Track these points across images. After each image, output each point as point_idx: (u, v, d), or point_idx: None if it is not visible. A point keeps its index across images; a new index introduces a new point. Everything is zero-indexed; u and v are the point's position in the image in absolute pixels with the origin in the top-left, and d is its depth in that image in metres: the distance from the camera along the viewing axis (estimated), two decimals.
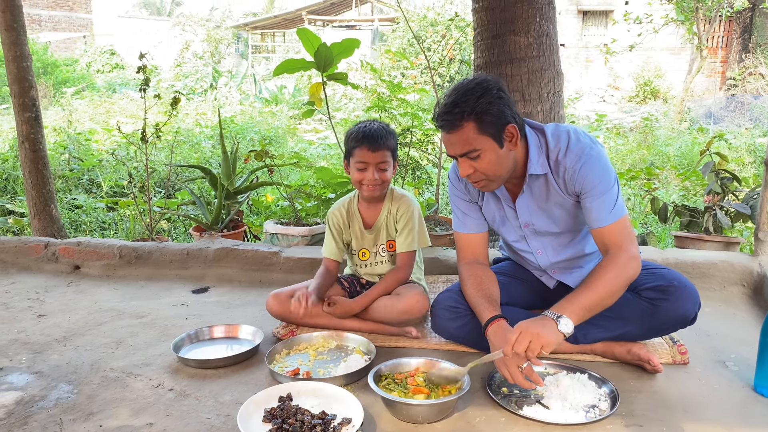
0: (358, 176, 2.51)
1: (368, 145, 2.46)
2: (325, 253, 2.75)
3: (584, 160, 2.03)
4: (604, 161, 2.05)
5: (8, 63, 4.28)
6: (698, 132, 9.45)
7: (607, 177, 2.03)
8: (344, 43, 3.73)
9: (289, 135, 10.92)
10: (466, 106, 1.94)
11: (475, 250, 2.35)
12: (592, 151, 2.04)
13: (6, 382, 2.21)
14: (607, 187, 2.02)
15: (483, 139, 1.97)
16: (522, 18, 3.57)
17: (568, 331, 1.86)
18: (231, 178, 4.43)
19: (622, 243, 2.00)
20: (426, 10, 16.51)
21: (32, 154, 4.39)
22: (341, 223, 2.72)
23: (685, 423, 1.82)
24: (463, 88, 1.98)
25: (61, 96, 13.37)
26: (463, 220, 2.36)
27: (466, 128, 1.96)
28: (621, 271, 1.96)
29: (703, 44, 11.77)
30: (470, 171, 2.04)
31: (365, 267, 2.75)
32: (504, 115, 1.98)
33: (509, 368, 1.89)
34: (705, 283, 2.99)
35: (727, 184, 3.80)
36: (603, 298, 1.94)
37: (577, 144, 2.06)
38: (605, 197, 2.02)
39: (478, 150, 1.98)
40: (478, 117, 1.94)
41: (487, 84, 1.98)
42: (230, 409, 1.96)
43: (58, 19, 24.58)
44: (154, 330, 2.73)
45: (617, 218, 2.02)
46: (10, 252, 3.81)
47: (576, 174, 2.04)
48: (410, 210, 2.61)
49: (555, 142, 2.09)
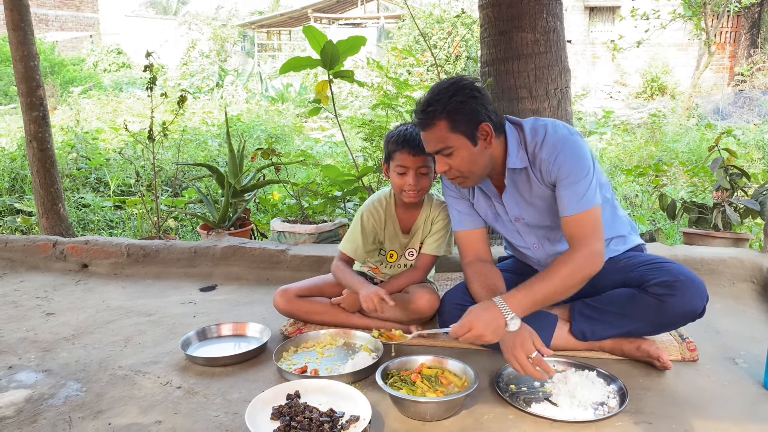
0: (399, 181, 2.43)
1: (409, 149, 2.36)
2: (347, 251, 2.61)
3: (559, 150, 2.03)
4: (580, 151, 2.04)
5: (16, 62, 4.30)
6: (706, 128, 9.40)
7: (580, 166, 2.02)
8: (350, 41, 3.72)
9: (296, 133, 10.93)
10: (438, 105, 1.99)
11: (476, 247, 2.34)
12: (567, 141, 2.04)
13: (15, 380, 2.22)
14: (580, 177, 2.01)
15: (455, 137, 2.01)
16: (529, 14, 3.56)
17: (515, 329, 1.92)
18: (238, 176, 4.44)
19: (586, 236, 2.00)
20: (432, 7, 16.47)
21: (40, 153, 4.41)
22: (377, 223, 2.62)
23: (695, 420, 1.81)
24: (437, 88, 2.04)
25: (69, 95, 13.42)
26: (460, 219, 2.37)
27: (438, 126, 2.01)
28: (579, 267, 1.98)
29: (711, 40, 11.69)
30: (445, 168, 2.09)
31: (389, 267, 2.72)
32: (477, 113, 2.01)
33: (519, 360, 1.90)
34: (714, 280, 2.98)
35: (736, 180, 3.78)
36: (556, 294, 1.99)
37: (553, 135, 2.07)
38: (576, 186, 2.01)
39: (450, 147, 2.03)
40: (449, 115, 1.99)
41: (461, 83, 2.03)
42: (238, 406, 1.97)
43: (65, 18, 24.68)
44: (162, 328, 2.74)
45: (585, 208, 2.01)
46: (19, 251, 3.83)
47: (551, 165, 2.05)
48: (447, 217, 2.54)
49: (532, 136, 2.10)
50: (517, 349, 1.91)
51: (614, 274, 2.22)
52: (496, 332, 1.92)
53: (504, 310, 1.93)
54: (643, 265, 2.15)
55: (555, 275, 1.97)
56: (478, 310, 1.96)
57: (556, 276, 1.97)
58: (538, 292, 1.97)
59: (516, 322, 1.92)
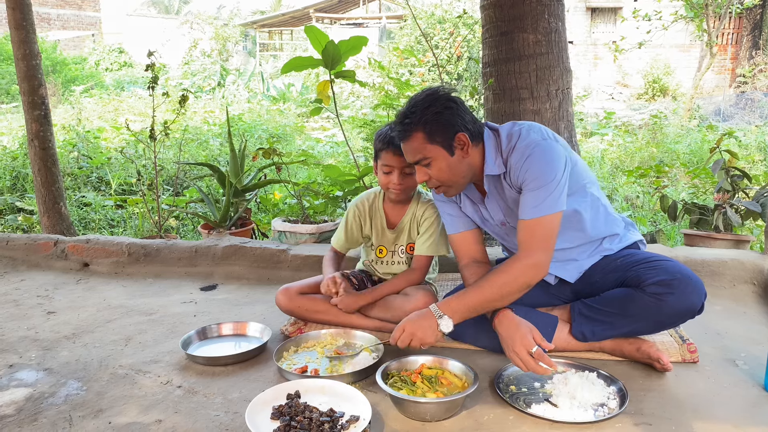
0: (384, 179, 2.48)
1: (394, 148, 2.37)
2: (332, 243, 2.76)
3: (528, 155, 2.04)
4: (550, 156, 2.03)
5: (18, 61, 4.30)
6: (708, 129, 9.40)
7: (545, 171, 2.01)
8: (352, 41, 3.72)
9: (297, 133, 10.94)
10: (414, 117, 2.04)
11: (470, 248, 2.35)
12: (538, 146, 2.04)
13: (16, 379, 2.22)
14: (543, 182, 2.00)
15: (432, 147, 2.05)
16: (531, 15, 3.56)
17: (447, 330, 2.01)
18: (239, 175, 4.44)
19: (531, 245, 2.02)
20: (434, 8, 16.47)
21: (42, 152, 4.42)
22: (362, 216, 2.69)
23: (695, 422, 1.81)
24: (414, 100, 2.09)
25: (70, 94, 13.44)
26: (452, 222, 2.38)
27: (415, 138, 2.06)
28: (516, 277, 2.01)
29: (712, 41, 11.69)
30: (425, 178, 2.14)
31: (381, 264, 2.73)
32: (452, 124, 2.04)
33: (520, 355, 1.92)
34: (715, 282, 2.97)
35: (737, 181, 3.77)
36: (490, 301, 2.04)
37: (525, 140, 2.07)
38: (538, 191, 2.01)
39: (428, 158, 2.07)
40: (425, 127, 2.03)
41: (436, 95, 2.07)
42: (238, 406, 1.97)
43: (67, 17, 24.70)
44: (163, 327, 2.74)
45: (539, 215, 2.01)
46: (20, 249, 3.84)
47: (518, 170, 2.06)
48: (435, 215, 2.57)
49: (507, 142, 2.12)
50: (518, 345, 1.92)
51: (611, 274, 2.22)
52: (428, 332, 2.01)
53: (436, 312, 2.03)
54: (639, 264, 2.15)
55: (490, 285, 2.03)
56: (413, 315, 2.07)
57: (493, 284, 2.02)
58: (472, 299, 2.04)
59: (448, 322, 2.01)
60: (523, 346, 1.92)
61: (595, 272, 2.28)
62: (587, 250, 2.31)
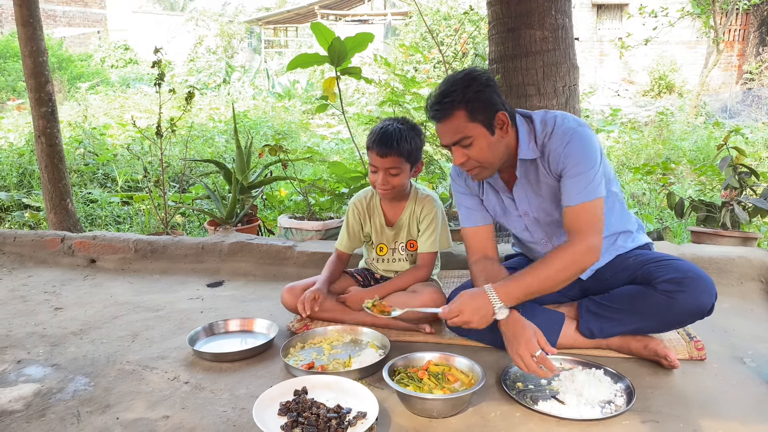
0: (372, 178, 2.50)
1: (378, 149, 2.40)
2: (337, 245, 2.75)
3: (567, 141, 2.03)
4: (588, 142, 2.04)
5: (25, 58, 4.31)
6: (714, 126, 9.35)
7: (587, 157, 2.02)
8: (357, 38, 3.72)
9: (303, 130, 10.93)
10: (455, 95, 1.99)
11: (483, 244, 2.34)
12: (576, 133, 2.04)
13: (24, 375, 2.23)
14: (585, 168, 2.01)
15: (474, 126, 2.01)
16: (537, 11, 3.55)
17: (502, 317, 1.97)
18: (245, 172, 4.44)
19: (584, 229, 2.00)
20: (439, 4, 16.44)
21: (48, 149, 4.43)
22: (360, 215, 2.69)
23: (702, 419, 1.81)
24: (452, 79, 2.04)
25: (76, 91, 13.46)
26: (468, 215, 2.36)
27: (456, 116, 2.00)
28: (573, 261, 1.98)
29: (719, 38, 11.63)
30: (463, 159, 2.07)
31: (382, 262, 2.73)
32: (493, 102, 2.02)
33: (523, 358, 1.91)
34: (722, 279, 2.96)
35: (744, 178, 3.75)
36: (547, 286, 2.00)
37: (562, 126, 2.07)
38: (581, 176, 2.01)
39: (469, 137, 2.02)
40: (467, 105, 1.99)
41: (475, 74, 2.03)
42: (246, 402, 1.97)
43: (73, 14, 24.74)
44: (170, 323, 2.75)
45: (586, 199, 2.00)
46: (27, 246, 3.85)
47: (559, 156, 2.05)
48: (434, 211, 2.58)
49: (542, 128, 2.11)
50: (522, 348, 1.91)
51: (622, 272, 2.21)
52: (484, 319, 1.96)
53: (493, 299, 1.96)
54: (651, 263, 2.14)
55: (548, 268, 1.98)
56: (468, 296, 1.99)
57: (549, 268, 1.98)
58: (530, 284, 1.98)
59: (503, 311, 1.96)
60: (527, 349, 1.91)
61: (607, 270, 2.28)
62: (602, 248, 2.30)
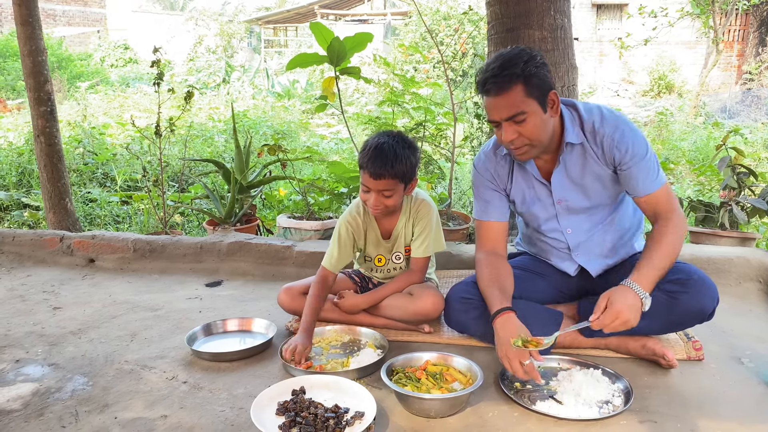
0: (363, 197, 2.40)
1: (371, 171, 2.28)
2: (325, 263, 2.55)
3: (621, 129, 2.08)
4: (638, 130, 2.11)
5: (24, 57, 4.31)
6: (713, 127, 9.36)
7: (645, 145, 2.09)
8: (357, 37, 3.72)
9: (302, 129, 10.92)
10: (516, 68, 1.98)
11: (495, 239, 2.34)
12: (626, 122, 2.11)
13: (23, 374, 2.23)
14: (649, 155, 2.08)
15: (530, 102, 2.00)
16: (536, 11, 3.55)
17: (647, 309, 1.91)
18: (244, 172, 4.44)
19: (672, 206, 2.07)
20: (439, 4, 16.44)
21: (47, 148, 4.43)
22: (355, 231, 2.57)
23: (700, 419, 1.81)
24: (508, 54, 2.03)
25: (76, 90, 13.44)
26: (485, 208, 2.35)
27: (514, 91, 1.99)
28: (680, 233, 2.05)
29: (719, 38, 11.63)
30: (514, 136, 2.05)
31: (381, 272, 2.70)
32: (548, 80, 2.03)
33: (511, 361, 1.92)
34: (721, 279, 2.96)
35: (743, 179, 3.75)
36: (671, 261, 2.01)
37: (611, 114, 2.13)
38: (647, 165, 2.07)
39: (525, 113, 2.01)
40: (526, 80, 1.98)
41: (531, 51, 2.04)
42: (244, 402, 1.97)
43: (73, 14, 24.72)
44: (168, 323, 2.75)
45: (663, 183, 2.09)
46: (26, 245, 3.85)
47: (614, 142, 2.08)
48: (429, 215, 2.51)
49: (588, 114, 2.14)
50: (512, 352, 1.92)
51: (626, 274, 2.21)
52: (638, 314, 1.90)
53: (639, 292, 1.91)
54: None
55: (666, 246, 2.00)
56: (619, 298, 1.90)
57: (667, 245, 2.00)
58: (659, 263, 1.97)
59: (648, 301, 1.91)
60: (517, 355, 1.91)
61: (612, 271, 2.30)
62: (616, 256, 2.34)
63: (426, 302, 2.40)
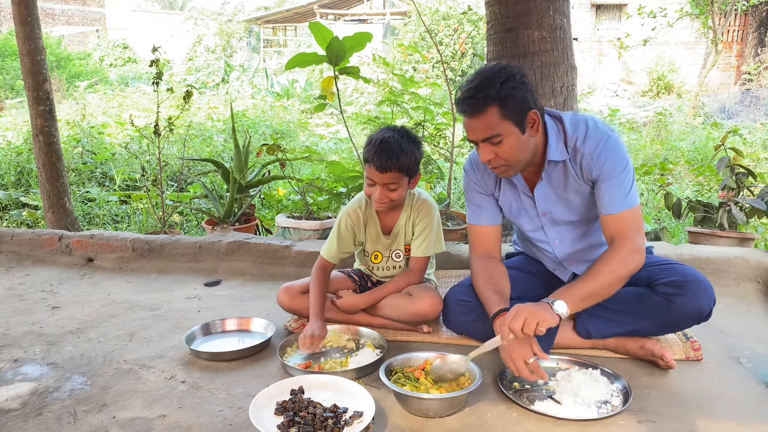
0: (367, 190, 2.41)
1: (377, 164, 2.30)
2: (323, 254, 2.57)
3: (602, 147, 2.03)
4: (621, 149, 2.05)
5: (23, 56, 4.31)
6: (712, 127, 9.37)
7: (623, 164, 2.03)
8: (356, 37, 3.71)
9: (301, 129, 10.93)
10: (490, 90, 1.94)
11: (488, 243, 2.34)
12: (610, 139, 2.05)
13: (21, 373, 2.23)
14: (623, 175, 2.02)
15: (505, 124, 1.97)
16: (535, 11, 3.55)
17: (563, 312, 1.88)
18: (243, 171, 4.44)
19: (629, 233, 2.00)
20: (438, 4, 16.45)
21: (46, 147, 4.42)
22: (355, 225, 2.59)
23: (698, 419, 1.81)
24: (487, 73, 1.98)
25: (75, 90, 13.43)
26: (477, 213, 2.35)
27: (489, 113, 1.96)
28: (622, 263, 1.96)
29: (718, 38, 11.64)
30: (491, 156, 2.03)
31: (378, 270, 2.70)
32: (526, 101, 1.99)
33: (515, 361, 1.91)
34: (719, 279, 2.97)
35: (742, 179, 3.76)
36: (601, 289, 1.96)
37: (596, 131, 2.06)
38: (620, 184, 2.02)
39: (500, 135, 1.98)
40: (501, 102, 1.95)
41: (511, 70, 1.99)
42: (242, 401, 1.97)
43: (72, 13, 24.69)
44: (167, 322, 2.75)
45: (629, 207, 2.02)
46: (25, 244, 3.85)
47: (594, 160, 2.04)
48: (430, 216, 2.52)
49: (573, 130, 2.09)
50: (516, 353, 1.92)
51: None
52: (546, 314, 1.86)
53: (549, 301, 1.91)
54: (652, 266, 2.15)
55: (599, 273, 1.96)
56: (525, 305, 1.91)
57: (600, 274, 1.96)
58: (584, 289, 1.94)
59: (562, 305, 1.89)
60: (521, 355, 1.91)
61: None
62: None
63: (424, 303, 2.40)
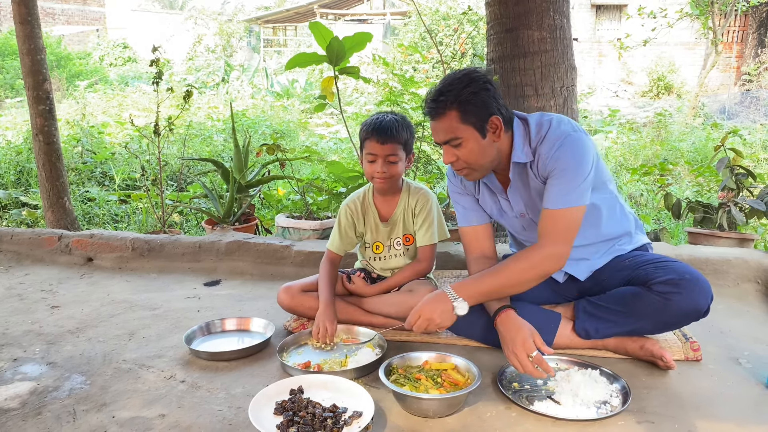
0: (369, 168, 2.49)
1: (377, 137, 2.41)
2: (329, 246, 2.68)
3: (558, 146, 2.02)
4: (580, 148, 2.02)
5: (23, 56, 4.31)
6: (712, 128, 9.37)
7: (576, 163, 2.00)
8: (356, 37, 3.71)
9: (301, 129, 10.93)
10: (450, 95, 1.99)
11: (481, 243, 2.35)
12: (569, 138, 2.02)
13: (20, 373, 2.23)
14: (572, 173, 2.00)
15: (465, 128, 2.01)
16: (535, 12, 3.55)
17: (463, 313, 1.98)
18: (243, 171, 4.44)
19: (553, 235, 2.01)
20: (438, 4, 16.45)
21: (46, 147, 4.42)
22: (354, 215, 2.66)
23: (698, 420, 1.81)
24: (450, 78, 2.04)
25: (75, 89, 13.43)
26: (464, 215, 2.37)
27: (449, 116, 2.01)
28: (534, 265, 2.00)
29: (718, 39, 11.64)
30: (453, 159, 2.09)
31: (379, 261, 2.72)
32: (488, 106, 2.01)
33: (519, 358, 1.91)
34: (719, 280, 2.97)
35: (741, 180, 3.76)
36: (506, 287, 2.03)
37: (556, 131, 2.06)
38: (567, 181, 2.00)
39: (459, 138, 2.03)
40: (461, 106, 1.99)
41: (474, 75, 2.02)
42: (242, 401, 1.97)
43: (72, 12, 24.69)
44: (166, 322, 2.75)
45: (566, 206, 2.00)
46: (24, 244, 3.85)
47: (548, 159, 2.04)
48: (428, 203, 2.58)
49: (536, 131, 2.10)
50: (518, 347, 1.92)
51: (619, 273, 2.21)
52: (444, 314, 1.98)
53: (450, 294, 1.99)
54: (648, 264, 2.14)
55: (509, 270, 2.02)
56: (427, 298, 2.03)
57: (510, 271, 2.01)
58: (488, 284, 2.02)
59: (463, 305, 1.97)
60: (524, 349, 1.91)
61: (604, 271, 2.28)
62: (600, 250, 2.30)
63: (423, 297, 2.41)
